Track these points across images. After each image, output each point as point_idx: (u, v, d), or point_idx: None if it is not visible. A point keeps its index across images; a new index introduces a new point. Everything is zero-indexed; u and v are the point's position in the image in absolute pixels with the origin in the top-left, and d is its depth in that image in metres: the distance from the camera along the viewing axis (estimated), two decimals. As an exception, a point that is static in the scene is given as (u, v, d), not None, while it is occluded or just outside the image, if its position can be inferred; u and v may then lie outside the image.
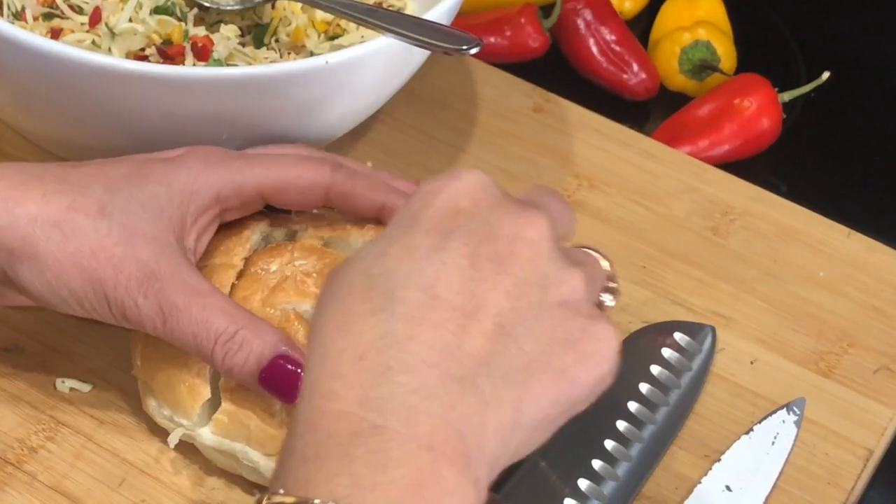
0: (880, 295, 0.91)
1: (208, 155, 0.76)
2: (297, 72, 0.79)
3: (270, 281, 0.76)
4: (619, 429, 0.78)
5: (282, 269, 0.76)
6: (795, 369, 0.86)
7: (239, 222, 0.79)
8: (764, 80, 1.07)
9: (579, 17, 1.12)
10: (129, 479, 0.77)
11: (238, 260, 0.77)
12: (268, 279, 0.76)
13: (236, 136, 0.81)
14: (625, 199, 0.95)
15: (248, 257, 0.78)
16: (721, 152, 1.05)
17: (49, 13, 0.87)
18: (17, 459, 0.77)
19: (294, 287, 0.76)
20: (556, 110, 1.02)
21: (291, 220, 0.80)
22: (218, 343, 0.71)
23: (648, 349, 0.83)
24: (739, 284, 0.91)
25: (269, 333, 0.72)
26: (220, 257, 0.77)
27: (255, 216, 0.79)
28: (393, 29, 0.82)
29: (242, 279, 0.77)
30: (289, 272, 0.76)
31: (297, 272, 0.76)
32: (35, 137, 0.89)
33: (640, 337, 0.85)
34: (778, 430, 0.82)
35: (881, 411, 0.84)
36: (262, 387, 0.71)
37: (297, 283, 0.76)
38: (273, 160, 0.78)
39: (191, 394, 0.75)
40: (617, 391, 0.64)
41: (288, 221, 0.80)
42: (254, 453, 0.74)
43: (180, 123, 0.80)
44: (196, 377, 0.75)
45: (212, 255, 0.77)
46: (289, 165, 0.78)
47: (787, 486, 0.80)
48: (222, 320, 0.71)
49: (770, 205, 0.96)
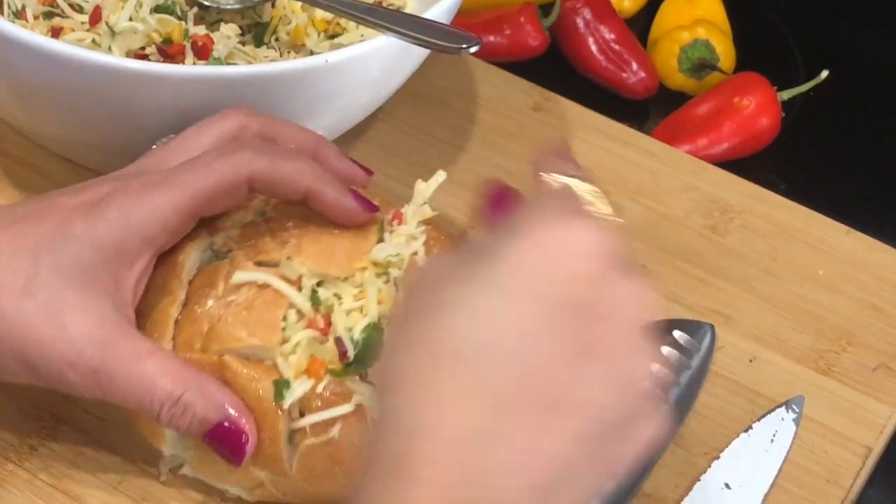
0: (879, 293, 0.91)
1: (125, 194, 0.72)
2: (297, 70, 0.79)
3: (206, 323, 0.72)
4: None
5: (216, 305, 0.72)
6: (794, 367, 0.86)
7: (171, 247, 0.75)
8: (763, 79, 1.07)
9: (578, 16, 1.12)
10: (128, 477, 0.77)
11: (178, 293, 0.74)
12: (203, 320, 0.72)
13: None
14: (624, 198, 0.95)
15: (191, 281, 0.75)
16: (720, 151, 1.05)
17: (49, 12, 0.87)
18: (17, 458, 0.77)
19: (226, 332, 0.72)
20: (555, 109, 1.02)
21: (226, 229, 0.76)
22: (163, 408, 0.70)
23: (648, 347, 0.83)
24: (739, 283, 0.91)
25: (215, 393, 0.70)
26: (158, 295, 0.74)
27: (190, 234, 0.75)
28: (392, 28, 0.82)
29: (185, 314, 0.74)
30: (221, 309, 0.72)
31: (229, 312, 0.72)
32: (36, 136, 0.89)
33: (640, 335, 0.85)
34: (777, 428, 0.82)
35: (880, 409, 0.84)
36: (209, 447, 0.71)
37: (227, 327, 0.72)
38: (188, 172, 0.73)
39: (153, 436, 0.74)
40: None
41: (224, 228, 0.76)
42: (232, 488, 0.74)
43: (180, 122, 0.80)
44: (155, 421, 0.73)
45: (148, 292, 0.74)
46: (205, 174, 0.72)
47: (786, 483, 0.80)
48: (165, 385, 0.69)
49: (769, 203, 0.96)
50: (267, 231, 0.75)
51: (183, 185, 0.72)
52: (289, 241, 0.74)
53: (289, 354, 0.71)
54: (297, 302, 0.72)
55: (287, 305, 0.72)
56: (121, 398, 0.70)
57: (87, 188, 0.73)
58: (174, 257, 0.75)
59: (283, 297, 0.72)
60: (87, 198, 0.72)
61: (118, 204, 0.71)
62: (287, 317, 0.72)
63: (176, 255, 0.75)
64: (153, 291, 0.74)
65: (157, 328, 0.73)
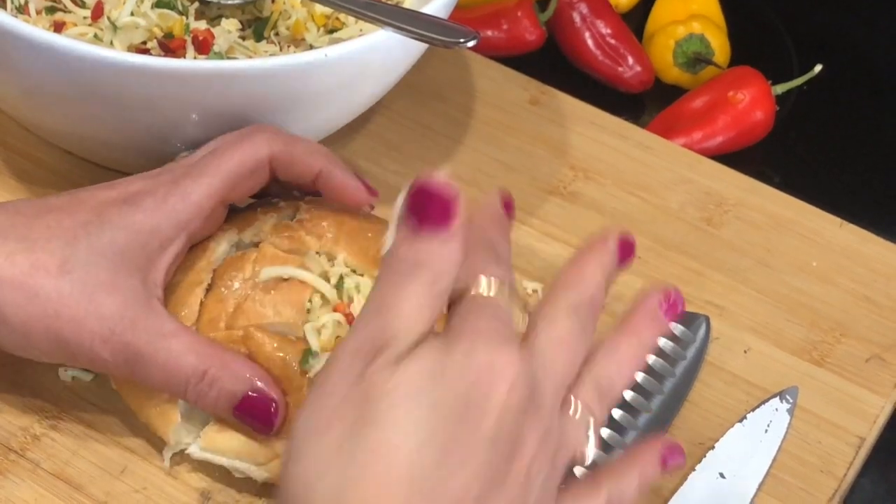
0: (872, 285, 0.91)
1: (158, 186, 0.75)
2: (297, 65, 0.80)
3: (232, 302, 0.75)
4: (614, 416, 0.78)
5: (243, 287, 0.75)
6: (788, 358, 0.87)
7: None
8: (757, 73, 1.08)
9: (575, 11, 1.12)
10: (130, 466, 0.77)
11: (204, 275, 0.76)
12: (230, 299, 0.75)
13: (235, 128, 0.81)
14: (620, 191, 0.96)
15: (216, 269, 0.77)
16: (715, 144, 1.05)
17: (52, 7, 0.87)
18: (20, 447, 0.77)
19: (253, 309, 0.75)
20: (552, 103, 1.02)
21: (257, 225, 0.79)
22: (189, 385, 0.72)
23: (643, 338, 0.84)
24: (733, 274, 0.91)
25: (240, 367, 0.72)
26: (185, 274, 0.77)
27: (223, 225, 0.79)
28: (391, 22, 0.82)
29: (210, 296, 0.76)
30: (249, 290, 0.75)
31: (257, 290, 0.75)
32: (39, 130, 0.90)
33: (635, 326, 0.86)
34: (771, 418, 0.82)
35: (873, 400, 0.85)
36: (238, 420, 0.73)
37: (255, 304, 0.75)
38: (213, 160, 0.77)
39: (161, 418, 0.75)
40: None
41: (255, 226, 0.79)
42: (243, 465, 0.74)
43: (180, 115, 0.80)
44: (166, 402, 0.75)
45: (178, 271, 0.77)
46: (229, 157, 0.77)
47: (779, 473, 0.80)
48: (191, 361, 0.71)
49: (763, 196, 0.97)
50: (301, 227, 0.78)
51: (211, 171, 0.76)
52: (325, 236, 0.77)
53: (318, 329, 0.74)
54: (324, 289, 0.75)
55: (312, 291, 0.75)
56: (147, 375, 0.72)
57: (118, 185, 0.76)
58: (204, 244, 0.78)
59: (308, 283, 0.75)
60: (120, 192, 0.75)
61: (152, 194, 0.74)
62: (312, 300, 0.75)
63: (206, 243, 0.78)
64: (180, 273, 0.77)
65: (181, 308, 0.75)
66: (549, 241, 0.92)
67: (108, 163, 0.89)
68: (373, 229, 0.79)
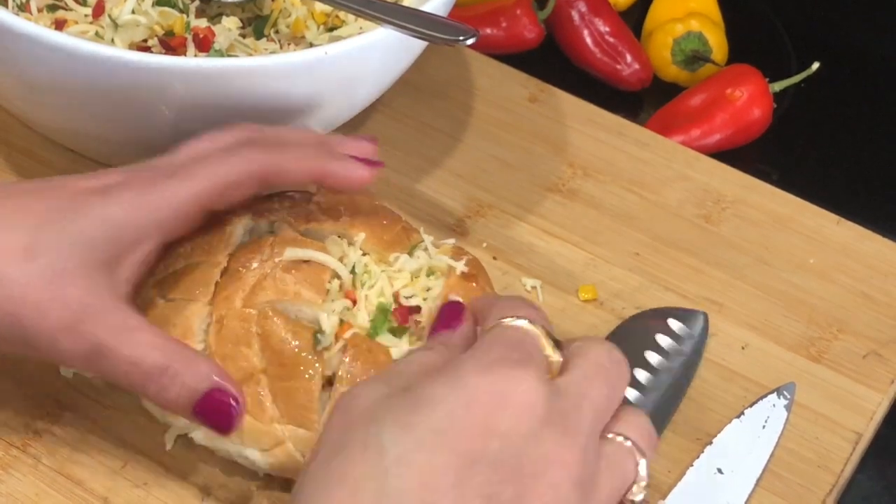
0: (870, 282, 0.92)
1: (140, 182, 0.73)
2: (297, 62, 0.80)
3: (250, 280, 0.75)
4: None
5: (262, 267, 0.75)
6: (786, 354, 0.87)
7: (221, 218, 0.78)
8: (755, 71, 1.08)
9: (574, 9, 1.12)
10: (131, 462, 0.77)
11: (222, 257, 0.76)
12: (248, 278, 0.75)
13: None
14: (618, 188, 0.96)
15: (232, 253, 0.77)
16: (713, 141, 1.05)
17: (53, 5, 0.88)
18: (22, 443, 0.77)
19: (273, 286, 0.75)
20: (550, 100, 1.02)
21: (273, 211, 0.79)
22: (150, 380, 0.70)
23: (642, 335, 0.84)
24: (731, 271, 0.91)
25: (202, 365, 0.70)
26: (203, 255, 0.77)
27: (238, 210, 0.78)
28: (391, 20, 0.82)
29: (225, 277, 0.76)
30: (268, 269, 0.75)
31: (277, 269, 0.75)
32: (41, 128, 0.90)
33: (634, 323, 0.86)
34: (769, 414, 0.82)
35: (870, 396, 0.85)
36: (197, 420, 0.71)
37: (275, 282, 0.75)
38: (202, 166, 0.74)
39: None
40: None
41: (271, 212, 0.79)
42: (248, 450, 0.74)
43: (180, 113, 0.81)
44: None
45: (195, 253, 0.77)
46: (217, 166, 0.74)
47: (777, 469, 0.81)
48: (154, 356, 0.69)
49: (761, 193, 0.97)
50: (318, 209, 0.79)
51: (197, 176, 0.73)
52: (341, 218, 0.78)
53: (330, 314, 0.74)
54: (343, 274, 0.76)
55: (332, 273, 0.76)
56: (108, 368, 0.70)
57: (99, 175, 0.74)
58: (221, 228, 0.77)
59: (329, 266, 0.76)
60: (100, 182, 0.73)
61: (132, 188, 0.72)
62: (332, 283, 0.76)
63: (223, 226, 0.77)
64: (196, 253, 0.77)
65: (197, 286, 0.75)
66: (548, 239, 0.92)
67: (109, 159, 0.89)
68: (387, 216, 0.80)
